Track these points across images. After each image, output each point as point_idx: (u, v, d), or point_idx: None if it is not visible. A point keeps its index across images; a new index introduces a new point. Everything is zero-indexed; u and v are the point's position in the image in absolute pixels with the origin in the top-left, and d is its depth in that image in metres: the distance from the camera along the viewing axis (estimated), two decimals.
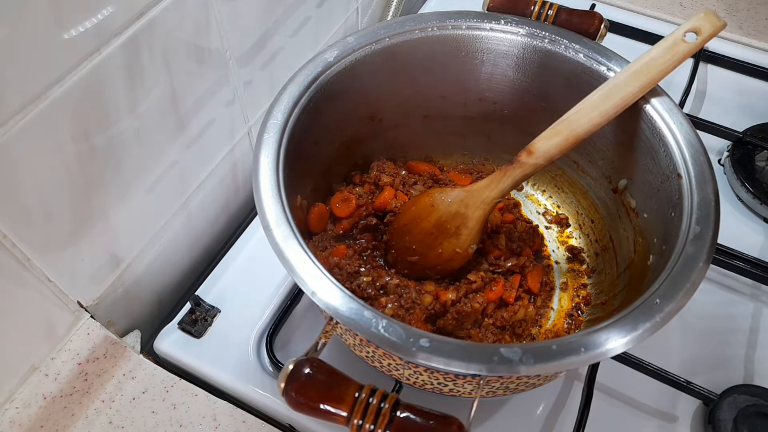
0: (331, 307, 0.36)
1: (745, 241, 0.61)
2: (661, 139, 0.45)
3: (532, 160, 0.47)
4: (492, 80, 0.56)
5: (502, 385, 0.41)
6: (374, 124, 0.57)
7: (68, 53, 0.39)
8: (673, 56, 0.44)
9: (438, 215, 0.51)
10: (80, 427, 0.48)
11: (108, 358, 0.51)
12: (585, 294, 0.55)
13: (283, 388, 0.33)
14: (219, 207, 0.65)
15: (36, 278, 0.45)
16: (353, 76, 0.50)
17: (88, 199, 0.46)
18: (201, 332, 0.55)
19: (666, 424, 0.51)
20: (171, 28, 0.47)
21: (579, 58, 0.50)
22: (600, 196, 0.57)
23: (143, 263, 0.56)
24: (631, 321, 0.35)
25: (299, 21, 0.65)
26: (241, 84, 0.59)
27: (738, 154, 0.68)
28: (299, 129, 0.46)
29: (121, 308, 0.56)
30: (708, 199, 0.41)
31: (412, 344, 0.34)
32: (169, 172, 0.54)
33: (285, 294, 0.57)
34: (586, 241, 0.59)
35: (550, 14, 0.52)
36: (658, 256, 0.44)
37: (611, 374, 0.52)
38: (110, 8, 0.41)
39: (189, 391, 0.51)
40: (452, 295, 0.50)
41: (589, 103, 0.46)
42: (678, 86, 0.72)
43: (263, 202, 0.40)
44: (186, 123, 0.54)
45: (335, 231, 0.55)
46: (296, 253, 0.38)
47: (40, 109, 0.39)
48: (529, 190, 0.64)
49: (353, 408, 0.32)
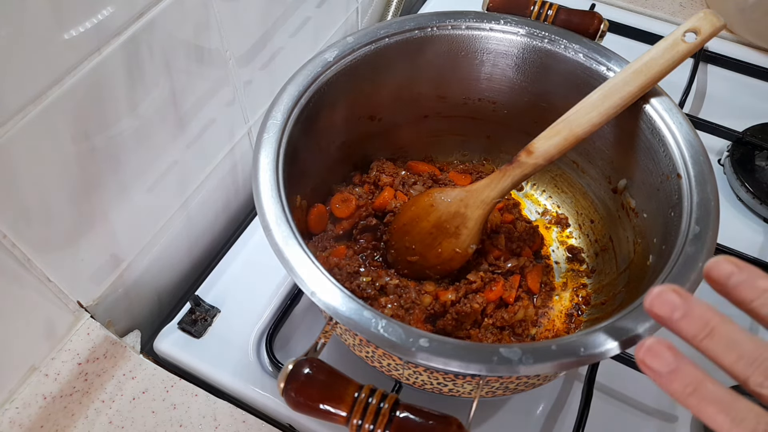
0: (331, 307, 0.36)
1: (745, 241, 0.61)
2: (661, 139, 0.45)
3: (531, 160, 0.47)
4: (492, 80, 0.56)
5: (501, 385, 0.41)
6: (374, 124, 0.57)
7: (68, 53, 0.39)
8: (672, 56, 0.44)
9: (438, 215, 0.51)
10: (80, 427, 0.48)
11: (108, 358, 0.51)
12: (585, 294, 0.55)
13: (282, 388, 0.33)
14: (219, 207, 0.65)
15: (36, 278, 0.45)
16: (353, 76, 0.50)
17: (88, 199, 0.46)
18: (201, 332, 0.55)
19: (666, 424, 0.51)
20: (171, 28, 0.47)
21: (579, 58, 0.50)
22: (600, 196, 0.57)
23: (143, 263, 0.56)
24: (631, 321, 0.35)
25: (299, 21, 0.65)
26: (241, 84, 0.59)
27: (738, 154, 0.68)
28: (299, 129, 0.46)
29: (121, 308, 0.56)
30: (707, 199, 0.41)
31: (412, 344, 0.34)
32: (169, 172, 0.54)
33: (285, 294, 0.57)
34: (586, 241, 0.59)
35: (549, 14, 0.52)
36: (657, 256, 0.44)
37: (611, 374, 0.52)
38: (110, 8, 0.41)
39: (189, 391, 0.51)
40: (452, 296, 0.50)
41: (589, 103, 0.46)
42: (678, 86, 0.72)
43: (263, 203, 0.40)
44: (186, 123, 0.54)
45: (335, 231, 0.55)
46: (296, 254, 0.38)
47: (40, 109, 0.39)
48: (529, 190, 0.64)
49: (353, 408, 0.32)
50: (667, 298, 0.27)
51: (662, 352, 0.27)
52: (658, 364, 0.27)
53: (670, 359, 0.26)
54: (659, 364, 0.27)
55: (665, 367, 0.26)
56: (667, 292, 0.27)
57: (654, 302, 0.28)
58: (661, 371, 0.26)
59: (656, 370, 0.27)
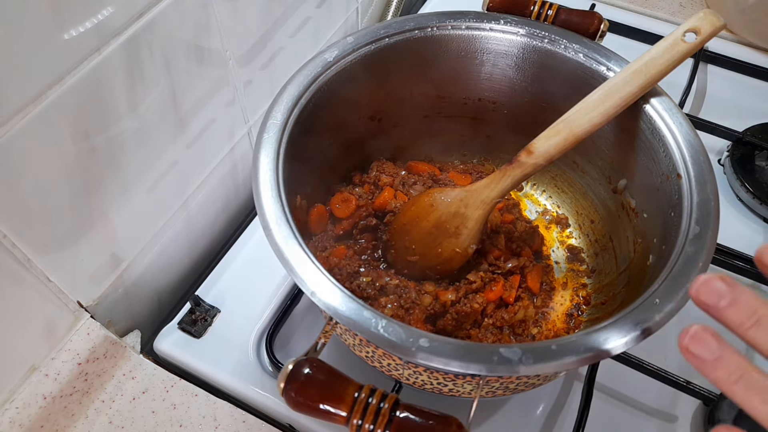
0: (331, 307, 0.36)
1: (745, 241, 0.61)
2: (661, 139, 0.45)
3: (531, 160, 0.47)
4: (492, 80, 0.56)
5: (501, 385, 0.41)
6: (374, 124, 0.57)
7: (68, 53, 0.39)
8: (672, 56, 0.44)
9: (438, 215, 0.51)
10: (80, 427, 0.48)
11: (108, 358, 0.51)
12: (585, 294, 0.55)
13: (282, 388, 0.33)
14: (219, 207, 0.65)
15: (36, 278, 0.45)
16: (353, 76, 0.50)
17: (88, 199, 0.46)
18: (201, 332, 0.55)
19: (666, 424, 0.51)
20: (171, 28, 0.47)
21: (578, 58, 0.50)
22: (600, 196, 0.57)
23: (143, 263, 0.56)
24: (631, 321, 0.35)
25: (299, 21, 0.65)
26: (241, 84, 0.59)
27: (738, 154, 0.68)
28: (299, 129, 0.46)
29: (121, 308, 0.56)
30: (707, 199, 0.41)
31: (412, 344, 0.34)
32: (169, 172, 0.54)
33: (285, 294, 0.57)
34: (586, 241, 0.59)
35: (549, 14, 0.52)
36: (657, 256, 0.44)
37: (611, 374, 0.52)
38: (110, 8, 0.41)
39: (189, 391, 0.51)
40: (452, 296, 0.50)
41: (589, 103, 0.46)
42: (678, 86, 0.72)
43: (263, 202, 0.40)
44: (186, 123, 0.54)
45: (335, 231, 0.55)
46: (296, 254, 0.38)
47: (40, 109, 0.39)
48: (529, 190, 0.64)
49: (353, 408, 0.32)
50: (714, 285, 0.27)
51: (707, 339, 0.26)
52: (703, 350, 0.26)
53: (715, 346, 0.26)
54: (704, 350, 0.26)
55: (710, 355, 0.26)
56: (714, 279, 0.27)
57: (701, 290, 0.27)
58: (706, 358, 0.26)
59: (701, 357, 0.26)
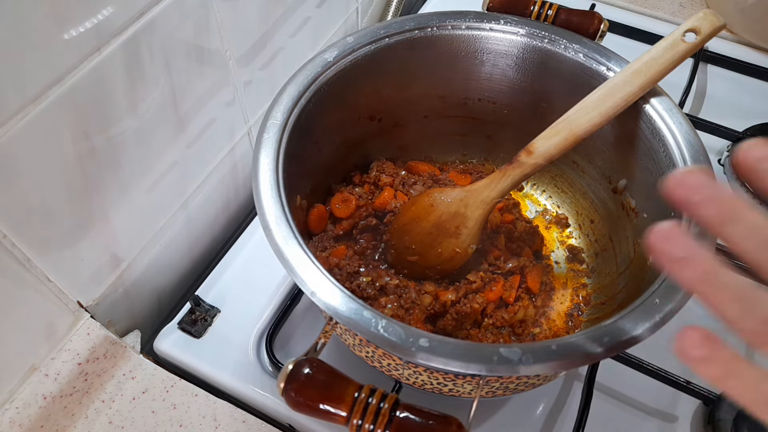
0: (331, 307, 0.36)
1: None
2: (661, 139, 0.45)
3: (531, 160, 0.47)
4: (492, 80, 0.56)
5: (501, 385, 0.41)
6: (374, 124, 0.57)
7: (68, 53, 0.39)
8: (672, 56, 0.44)
9: (437, 215, 0.51)
10: (80, 427, 0.48)
11: (108, 358, 0.51)
12: (585, 294, 0.55)
13: (282, 388, 0.33)
14: (219, 207, 0.65)
15: (36, 278, 0.45)
16: (353, 76, 0.50)
17: (88, 199, 0.46)
18: (201, 332, 0.55)
19: (666, 424, 0.51)
20: (171, 28, 0.47)
21: (578, 58, 0.50)
22: (600, 196, 0.57)
23: (143, 263, 0.56)
24: (631, 321, 0.35)
25: (299, 21, 0.65)
26: (241, 84, 0.59)
27: None
28: (299, 129, 0.46)
29: (121, 308, 0.56)
30: None
31: (412, 344, 0.34)
32: (169, 172, 0.54)
33: (285, 294, 0.57)
34: (586, 241, 0.59)
35: (549, 14, 0.52)
36: None
37: (611, 374, 0.52)
38: (110, 8, 0.41)
39: (189, 391, 0.51)
40: (452, 296, 0.50)
41: (589, 103, 0.46)
42: (678, 86, 0.72)
43: (263, 203, 0.40)
44: (186, 123, 0.54)
45: (335, 231, 0.55)
46: (296, 254, 0.38)
47: (40, 109, 0.39)
48: (529, 190, 0.64)
49: (353, 408, 0.32)
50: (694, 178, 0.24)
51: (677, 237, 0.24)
52: (672, 247, 0.24)
53: (686, 245, 0.24)
54: (673, 248, 0.24)
55: (679, 252, 0.24)
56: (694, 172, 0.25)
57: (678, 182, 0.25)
58: (675, 255, 0.24)
59: (669, 254, 0.24)
